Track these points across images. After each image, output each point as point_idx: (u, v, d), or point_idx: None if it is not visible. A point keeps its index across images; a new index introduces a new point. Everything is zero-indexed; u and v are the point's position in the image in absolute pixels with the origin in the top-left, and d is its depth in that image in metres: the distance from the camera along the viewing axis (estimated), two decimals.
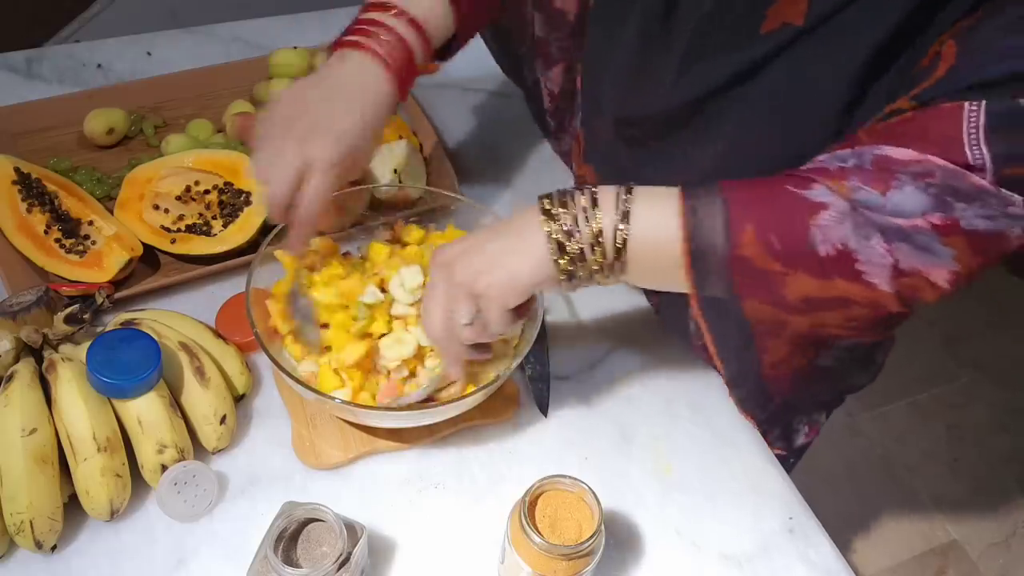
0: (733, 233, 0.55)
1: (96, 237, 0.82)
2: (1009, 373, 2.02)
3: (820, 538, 0.72)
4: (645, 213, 0.56)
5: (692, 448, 0.77)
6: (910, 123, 0.53)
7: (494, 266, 0.59)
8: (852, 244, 0.53)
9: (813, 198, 0.53)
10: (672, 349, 0.84)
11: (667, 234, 0.56)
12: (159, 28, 1.15)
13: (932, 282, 0.53)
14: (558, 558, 0.57)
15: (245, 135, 0.95)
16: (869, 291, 0.55)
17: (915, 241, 0.52)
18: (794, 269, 0.55)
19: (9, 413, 0.63)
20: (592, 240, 0.57)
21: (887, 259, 0.53)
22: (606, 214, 0.57)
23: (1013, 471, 1.86)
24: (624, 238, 0.56)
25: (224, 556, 0.66)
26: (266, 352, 0.66)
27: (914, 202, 0.52)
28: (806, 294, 0.56)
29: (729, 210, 0.55)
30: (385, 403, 0.69)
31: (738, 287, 0.57)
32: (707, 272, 0.57)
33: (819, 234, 0.53)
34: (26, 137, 0.94)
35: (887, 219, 0.52)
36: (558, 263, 0.58)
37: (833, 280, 0.55)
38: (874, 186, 0.52)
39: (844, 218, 0.53)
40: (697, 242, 0.55)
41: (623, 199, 0.57)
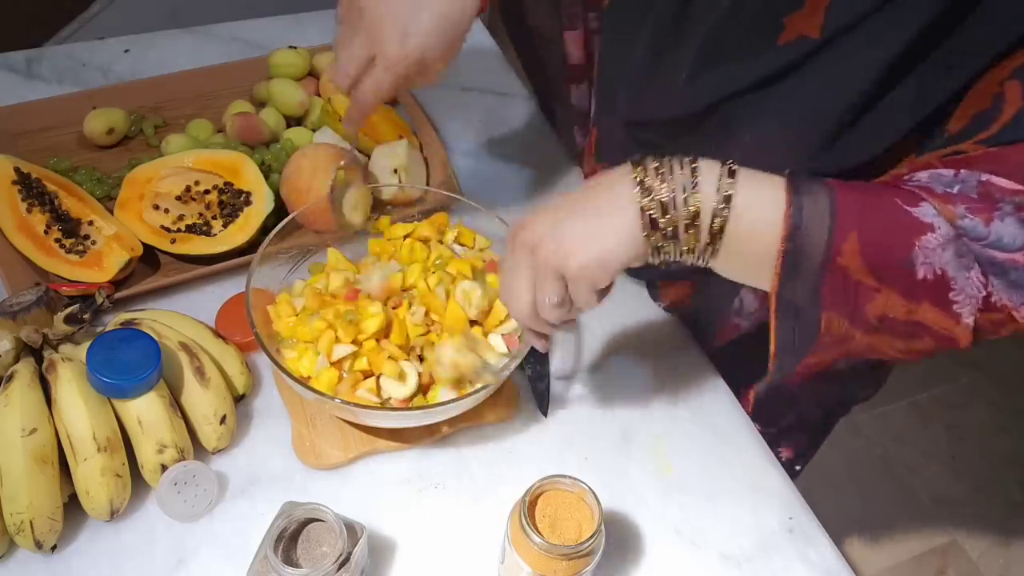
0: (836, 239, 0.52)
1: (96, 237, 0.82)
2: (1009, 373, 2.02)
3: (820, 538, 0.72)
4: (747, 201, 0.53)
5: (692, 448, 0.77)
6: (996, 156, 0.52)
7: (584, 245, 0.54)
8: (951, 272, 0.51)
9: (921, 217, 0.51)
10: (672, 349, 0.84)
11: (768, 225, 0.53)
12: (159, 28, 1.15)
13: (1016, 319, 0.52)
14: (558, 558, 0.57)
15: (246, 134, 0.95)
16: (951, 321, 0.53)
17: (1010, 276, 0.51)
18: (888, 287, 0.52)
19: (9, 413, 0.63)
20: (688, 220, 0.53)
21: (981, 292, 0.52)
22: (706, 194, 0.52)
23: (1013, 471, 1.86)
24: (722, 224, 0.53)
25: (224, 556, 0.66)
26: (266, 352, 0.66)
27: (1014, 235, 0.51)
28: (886, 314, 0.54)
29: (836, 213, 0.52)
30: None
31: (824, 295, 0.54)
32: (797, 272, 0.53)
33: (921, 256, 0.51)
34: (26, 137, 0.94)
35: (987, 251, 0.51)
36: (649, 239, 0.54)
37: (921, 304, 0.53)
38: (978, 215, 0.51)
39: (948, 244, 0.51)
40: (796, 242, 0.52)
41: (726, 181, 0.53)
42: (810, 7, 0.55)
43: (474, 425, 0.76)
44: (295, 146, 0.95)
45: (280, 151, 0.94)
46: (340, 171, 0.76)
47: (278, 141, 0.97)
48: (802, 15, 0.55)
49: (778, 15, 0.56)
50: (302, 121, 1.01)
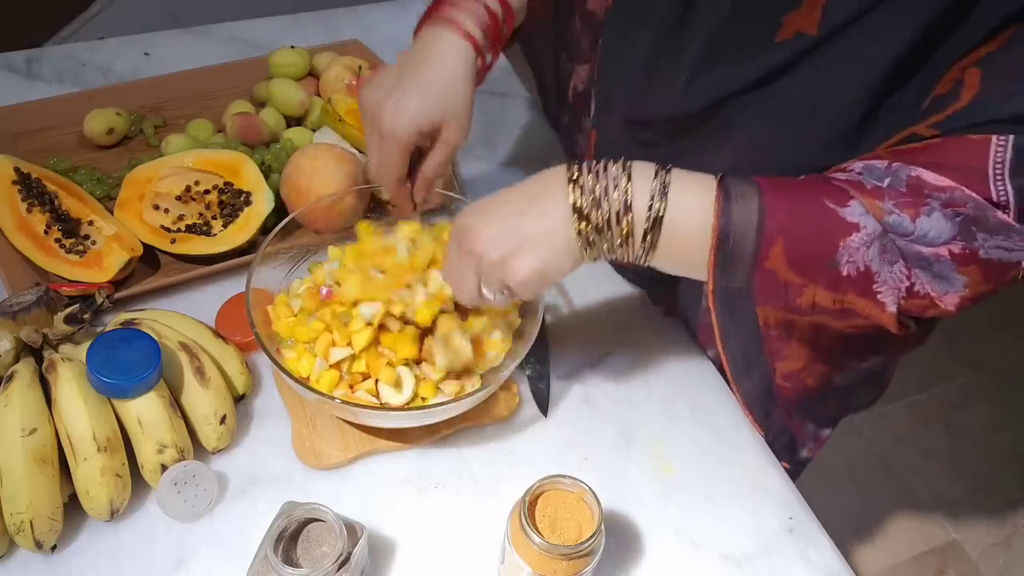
0: (763, 244, 0.54)
1: (96, 237, 0.82)
2: (1009, 373, 2.02)
3: (820, 538, 0.72)
4: (678, 213, 0.55)
5: (692, 448, 0.77)
6: (937, 149, 0.53)
7: (526, 262, 0.57)
8: (875, 267, 0.53)
9: (848, 217, 0.53)
10: (672, 349, 0.84)
11: (699, 232, 0.55)
12: (159, 28, 1.15)
13: (939, 306, 0.54)
14: (558, 558, 0.57)
15: (246, 134, 0.95)
16: (876, 309, 0.55)
17: (934, 269, 0.53)
18: (813, 283, 0.55)
19: (9, 413, 0.63)
20: (622, 238, 0.56)
21: (904, 283, 0.54)
22: (638, 213, 0.55)
23: (1013, 471, 1.86)
24: (654, 240, 0.55)
25: (224, 556, 0.66)
26: (266, 352, 0.66)
27: (940, 230, 0.52)
28: (816, 302, 0.56)
29: (764, 219, 0.54)
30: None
31: (757, 294, 0.57)
32: (731, 272, 0.56)
33: (845, 255, 0.53)
34: (26, 137, 0.94)
35: (912, 246, 0.53)
36: (586, 253, 0.57)
37: (847, 295, 0.55)
38: (906, 210, 0.53)
39: (873, 241, 0.53)
40: (725, 241, 0.55)
41: (661, 175, 0.55)
42: (808, 5, 0.55)
43: (474, 425, 0.76)
44: (295, 146, 0.95)
45: (280, 151, 0.94)
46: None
47: (278, 141, 0.97)
48: (800, 13, 0.56)
49: (777, 13, 0.57)
50: (302, 121, 1.01)
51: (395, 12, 1.23)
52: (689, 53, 0.63)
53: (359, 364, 0.70)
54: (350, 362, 0.70)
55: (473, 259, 0.60)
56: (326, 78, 1.01)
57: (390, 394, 0.69)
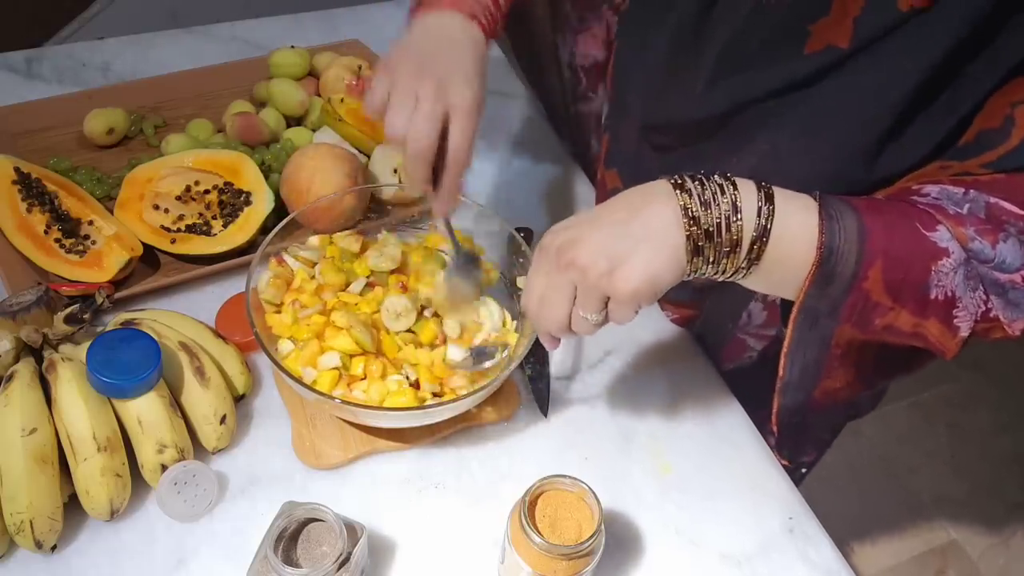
0: (864, 264, 0.53)
1: (96, 237, 0.82)
2: (1010, 374, 2.02)
3: (820, 538, 0.72)
4: (783, 226, 0.54)
5: (692, 448, 0.77)
6: (1002, 183, 0.54)
7: (636, 271, 0.54)
8: (959, 292, 0.54)
9: (938, 242, 0.53)
10: (672, 350, 0.84)
11: (802, 249, 0.54)
12: (159, 28, 1.15)
13: (1006, 331, 0.55)
14: (558, 558, 0.57)
15: (246, 134, 0.95)
16: (949, 335, 0.55)
17: (1008, 296, 0.53)
18: (901, 306, 0.55)
19: (9, 413, 0.63)
20: (730, 247, 0.54)
21: (981, 308, 0.54)
22: (747, 222, 0.53)
23: (1014, 472, 1.86)
24: (761, 249, 0.54)
25: (224, 556, 0.66)
26: (266, 352, 0.66)
27: (1015, 256, 0.53)
28: (893, 325, 0.56)
29: (865, 239, 0.53)
30: None
31: (844, 312, 0.56)
32: (823, 293, 0.55)
33: (936, 279, 0.53)
34: (26, 137, 0.94)
35: (991, 273, 0.53)
36: (692, 262, 0.54)
37: (928, 320, 0.55)
38: (986, 237, 0.53)
39: (959, 267, 0.53)
40: (827, 265, 0.54)
41: (765, 207, 0.53)
42: (836, 15, 0.55)
43: (474, 425, 0.76)
44: (295, 146, 0.95)
45: (280, 151, 0.94)
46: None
47: (278, 141, 0.97)
48: (828, 23, 0.55)
49: (802, 22, 0.56)
50: (302, 121, 1.01)
51: (395, 12, 1.23)
52: (709, 56, 0.63)
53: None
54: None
55: (574, 274, 0.55)
56: (326, 78, 1.01)
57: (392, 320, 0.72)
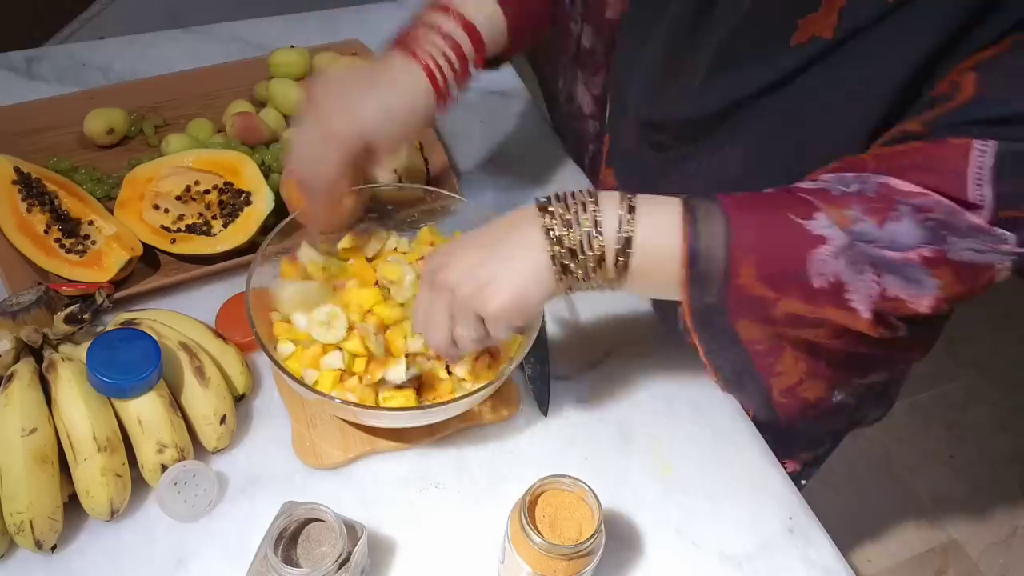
0: (733, 264, 0.55)
1: (96, 237, 0.82)
2: (1009, 373, 2.02)
3: (820, 538, 0.72)
4: (647, 235, 0.56)
5: (692, 448, 0.77)
6: (917, 153, 0.53)
7: (501, 290, 0.57)
8: (845, 277, 0.54)
9: (813, 230, 0.54)
10: (672, 349, 0.84)
11: (668, 255, 0.56)
12: (159, 28, 1.15)
13: (912, 308, 0.55)
14: (558, 558, 0.57)
15: (246, 134, 0.95)
16: (849, 315, 0.56)
17: (904, 273, 0.53)
18: (786, 296, 0.56)
19: (9, 413, 0.63)
20: (595, 263, 0.56)
21: (875, 289, 0.54)
22: (608, 237, 0.56)
23: (1013, 471, 1.86)
24: (626, 261, 0.56)
25: (224, 556, 0.66)
26: (266, 352, 0.66)
27: (909, 235, 0.52)
28: (790, 312, 0.57)
29: (731, 239, 0.54)
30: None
31: (731, 309, 0.58)
32: (704, 290, 0.57)
33: (815, 267, 0.54)
34: (26, 137, 0.94)
35: (880, 252, 0.53)
36: (560, 282, 0.57)
37: (821, 306, 0.56)
38: (872, 216, 0.53)
39: (840, 253, 0.53)
40: (696, 261, 0.55)
41: (626, 220, 0.56)
42: (825, 9, 0.55)
43: (474, 425, 0.76)
44: None
45: (280, 151, 0.94)
46: None
47: (278, 141, 0.97)
48: (817, 17, 0.56)
49: (793, 16, 0.57)
50: None
51: (395, 12, 1.23)
52: (704, 55, 0.63)
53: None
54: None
55: (446, 294, 0.59)
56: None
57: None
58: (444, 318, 0.60)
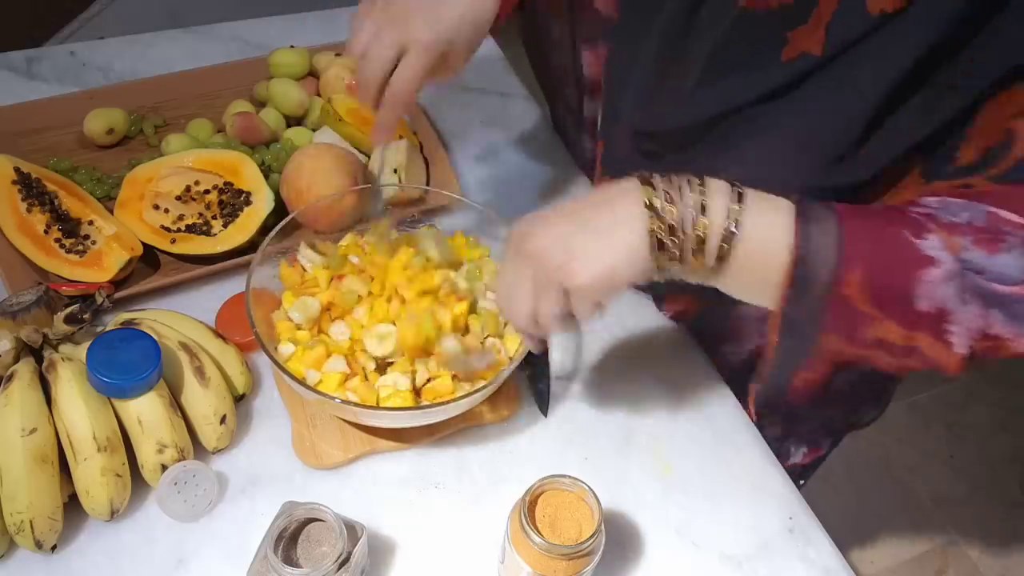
0: (843, 270, 0.52)
1: (96, 237, 0.82)
2: (1009, 373, 2.02)
3: (820, 538, 0.72)
4: (755, 226, 0.53)
5: (692, 448, 0.77)
6: (1006, 193, 0.52)
7: (591, 263, 0.54)
8: (951, 306, 0.51)
9: (925, 251, 0.51)
10: (673, 349, 0.84)
11: (775, 251, 0.53)
12: (159, 28, 1.15)
13: (1011, 348, 0.53)
14: (558, 558, 0.57)
15: (246, 134, 0.95)
16: (944, 350, 0.53)
17: (1011, 309, 0.51)
18: (888, 317, 0.53)
19: (9, 413, 0.63)
20: (695, 245, 0.53)
21: (977, 323, 0.52)
22: (714, 219, 0.53)
23: (1013, 471, 1.86)
24: (729, 249, 0.53)
25: (224, 556, 0.66)
26: (266, 352, 0.66)
27: (1020, 267, 0.51)
28: (883, 337, 0.54)
29: (843, 244, 0.52)
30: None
31: (827, 321, 0.55)
32: (804, 296, 0.54)
33: (923, 290, 0.51)
34: (26, 137, 0.94)
35: (989, 285, 0.51)
36: (656, 259, 0.54)
37: (918, 333, 0.53)
38: (983, 247, 0.51)
39: (951, 278, 0.51)
40: (803, 269, 0.52)
41: (734, 206, 0.53)
42: (813, 23, 0.55)
43: (474, 425, 0.76)
44: (295, 146, 0.95)
45: (280, 151, 0.94)
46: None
47: (278, 141, 0.97)
48: (806, 30, 0.55)
49: (783, 28, 0.56)
50: (302, 121, 1.01)
51: None
52: (697, 62, 0.63)
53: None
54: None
55: (531, 263, 0.56)
56: (326, 78, 1.01)
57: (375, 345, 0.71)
58: (528, 291, 0.57)
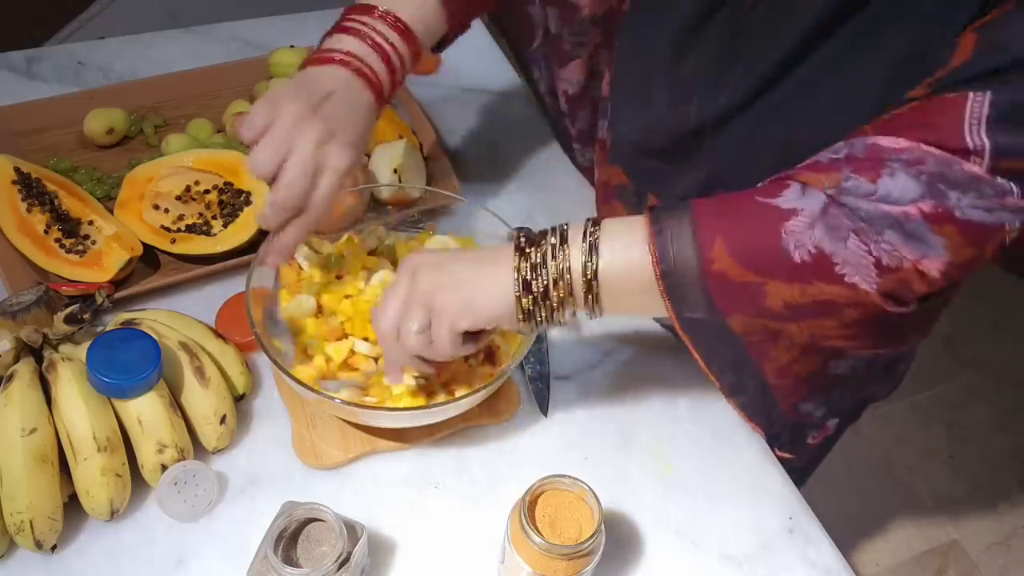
0: (703, 248, 0.54)
1: (96, 237, 0.82)
2: (1009, 372, 2.02)
3: (820, 538, 0.72)
4: (612, 243, 0.57)
5: (692, 448, 0.77)
6: (912, 112, 0.53)
7: (456, 286, 0.60)
8: (827, 247, 0.53)
9: (782, 205, 0.54)
10: (673, 349, 0.84)
11: (637, 260, 0.56)
12: (159, 28, 1.15)
13: (922, 272, 0.52)
14: (558, 558, 0.57)
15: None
16: (851, 291, 0.54)
17: (905, 229, 0.51)
18: (771, 277, 0.55)
19: (9, 413, 0.63)
20: (557, 276, 0.58)
21: (866, 257, 0.52)
22: (574, 248, 0.57)
23: (1013, 471, 1.86)
24: (593, 270, 0.57)
25: (224, 556, 0.66)
26: (266, 352, 0.66)
27: (905, 189, 0.51)
28: (786, 300, 0.56)
29: (696, 226, 0.55)
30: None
31: (718, 303, 0.57)
32: (684, 292, 0.57)
33: (791, 240, 0.53)
34: (26, 137, 0.94)
35: (877, 206, 0.52)
36: (520, 301, 0.59)
37: (813, 284, 0.54)
38: (865, 175, 0.52)
39: (815, 221, 0.53)
40: (667, 263, 0.55)
41: (590, 231, 0.57)
42: None
43: (474, 425, 0.76)
44: None
45: None
46: None
47: None
48: None
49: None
50: None
51: None
52: (706, 60, 0.63)
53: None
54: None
55: (408, 280, 0.61)
56: None
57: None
58: (398, 304, 0.61)
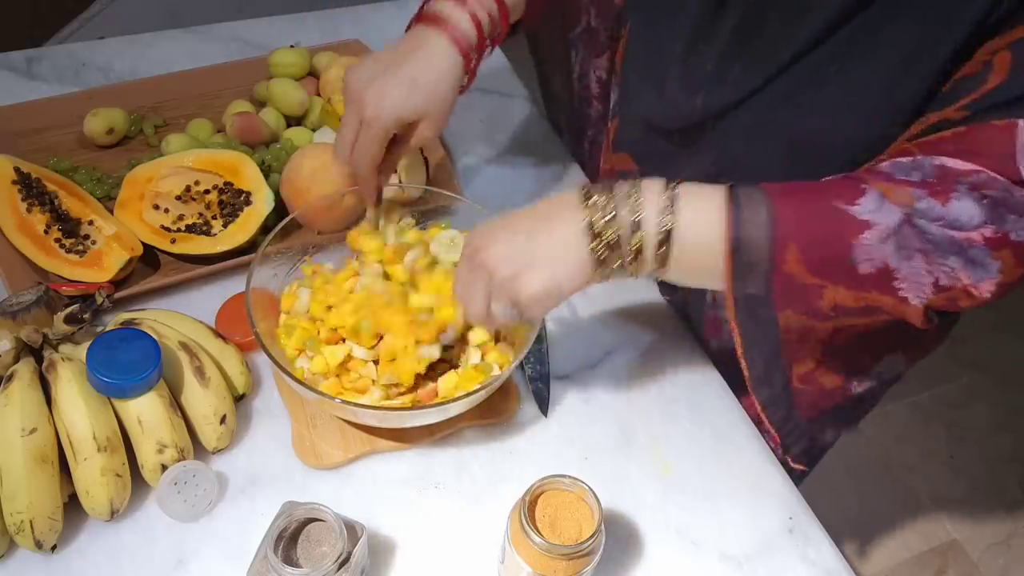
0: (776, 247, 0.55)
1: (96, 237, 0.82)
2: (1009, 373, 2.02)
3: (820, 538, 0.72)
4: (689, 222, 0.56)
5: (692, 448, 0.77)
6: (961, 138, 0.54)
7: (536, 279, 0.59)
8: (892, 262, 0.54)
9: (858, 215, 0.54)
10: (673, 349, 0.84)
11: (711, 243, 0.56)
12: (159, 28, 1.15)
13: (974, 294, 0.54)
14: (558, 558, 0.57)
15: (246, 134, 0.95)
16: (900, 303, 0.55)
17: (968, 255, 0.53)
18: (833, 284, 0.56)
19: (9, 413, 0.63)
20: (632, 256, 0.57)
21: (926, 277, 0.54)
22: (648, 232, 0.56)
23: (1013, 471, 1.86)
24: (665, 254, 0.56)
25: (224, 556, 0.66)
26: (266, 352, 0.66)
27: (971, 215, 0.52)
28: (838, 303, 0.57)
29: (775, 227, 0.55)
30: None
31: (776, 297, 0.57)
32: (747, 275, 0.57)
33: (862, 253, 0.54)
34: (26, 137, 0.94)
35: (945, 231, 0.53)
36: (598, 271, 0.58)
37: (869, 292, 0.55)
38: (937, 198, 0.53)
39: (888, 237, 0.53)
40: (740, 255, 0.55)
41: (666, 218, 0.56)
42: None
43: (474, 425, 0.76)
44: (295, 146, 0.95)
45: (280, 151, 0.94)
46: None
47: (278, 141, 0.97)
48: None
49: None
50: (302, 121, 1.01)
51: (395, 12, 1.23)
52: (718, 46, 0.64)
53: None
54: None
55: (484, 274, 0.61)
56: (326, 78, 1.01)
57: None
58: (482, 293, 0.62)
